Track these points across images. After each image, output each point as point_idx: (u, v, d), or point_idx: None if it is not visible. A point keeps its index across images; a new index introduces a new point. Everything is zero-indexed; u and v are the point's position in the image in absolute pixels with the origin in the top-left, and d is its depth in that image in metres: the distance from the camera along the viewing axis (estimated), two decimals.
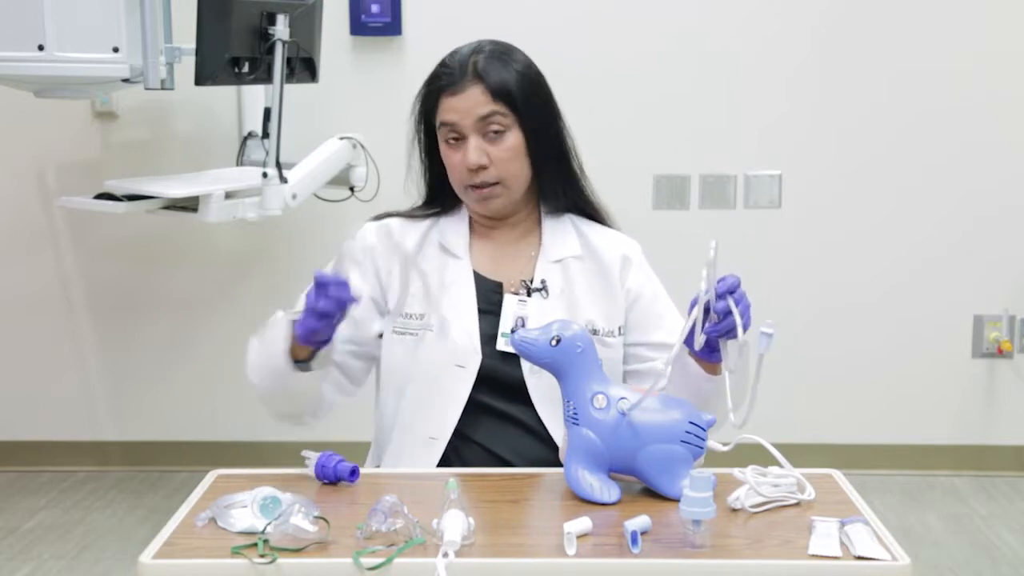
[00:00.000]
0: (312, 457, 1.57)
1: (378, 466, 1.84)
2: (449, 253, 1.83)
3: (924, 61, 3.55)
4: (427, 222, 1.86)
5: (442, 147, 1.80)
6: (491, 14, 3.49)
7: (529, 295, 1.80)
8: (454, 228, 1.85)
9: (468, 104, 1.74)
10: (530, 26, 3.50)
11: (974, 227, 3.62)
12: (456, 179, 1.78)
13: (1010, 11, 3.53)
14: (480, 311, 1.79)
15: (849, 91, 3.57)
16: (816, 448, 3.50)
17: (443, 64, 1.80)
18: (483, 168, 1.75)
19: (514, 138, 1.77)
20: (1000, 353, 3.66)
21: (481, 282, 1.81)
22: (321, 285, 1.57)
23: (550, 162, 1.82)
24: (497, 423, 1.76)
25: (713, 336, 1.58)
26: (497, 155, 1.76)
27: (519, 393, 1.76)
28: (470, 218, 1.86)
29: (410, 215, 1.88)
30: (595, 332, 1.79)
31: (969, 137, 3.57)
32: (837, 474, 1.60)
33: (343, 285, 1.57)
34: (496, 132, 1.75)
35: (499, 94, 1.75)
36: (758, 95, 3.57)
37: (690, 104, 3.57)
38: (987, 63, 3.55)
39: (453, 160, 1.77)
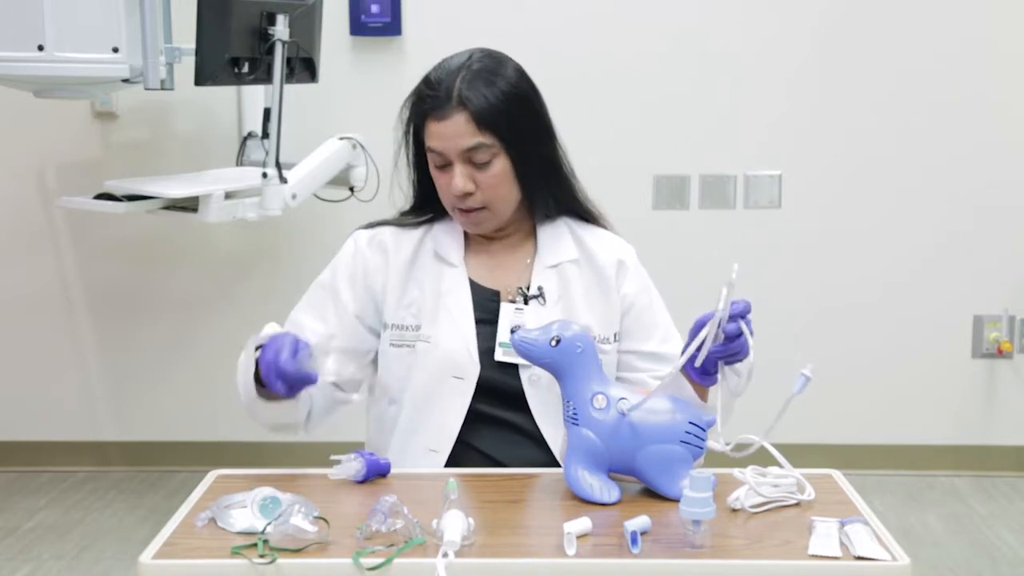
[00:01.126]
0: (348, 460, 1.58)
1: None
2: (444, 262, 1.79)
3: (924, 61, 3.55)
4: (420, 230, 1.83)
5: (431, 165, 1.76)
6: (491, 14, 3.49)
7: (526, 303, 1.77)
8: (449, 236, 1.81)
9: (452, 132, 1.69)
10: (530, 26, 3.51)
11: (974, 227, 3.62)
12: (445, 199, 1.76)
13: (1010, 11, 3.53)
14: (477, 320, 1.76)
15: (849, 91, 3.57)
16: (816, 448, 3.49)
17: (428, 83, 1.74)
18: (469, 194, 1.72)
19: (500, 165, 1.72)
20: (1000, 353, 3.66)
21: (478, 291, 1.78)
22: (279, 374, 1.55)
23: (539, 180, 1.78)
24: (496, 431, 1.75)
25: (716, 357, 1.52)
26: (484, 181, 1.72)
27: (518, 401, 1.74)
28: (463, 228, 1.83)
29: (401, 224, 1.84)
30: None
31: (969, 137, 3.57)
32: (837, 474, 1.60)
33: (301, 377, 1.57)
34: (482, 161, 1.71)
35: (484, 122, 1.69)
36: (758, 95, 3.57)
37: (690, 104, 3.57)
38: (987, 63, 3.55)
39: (441, 182, 1.74)
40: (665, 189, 3.62)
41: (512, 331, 1.72)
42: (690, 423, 1.48)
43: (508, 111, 1.71)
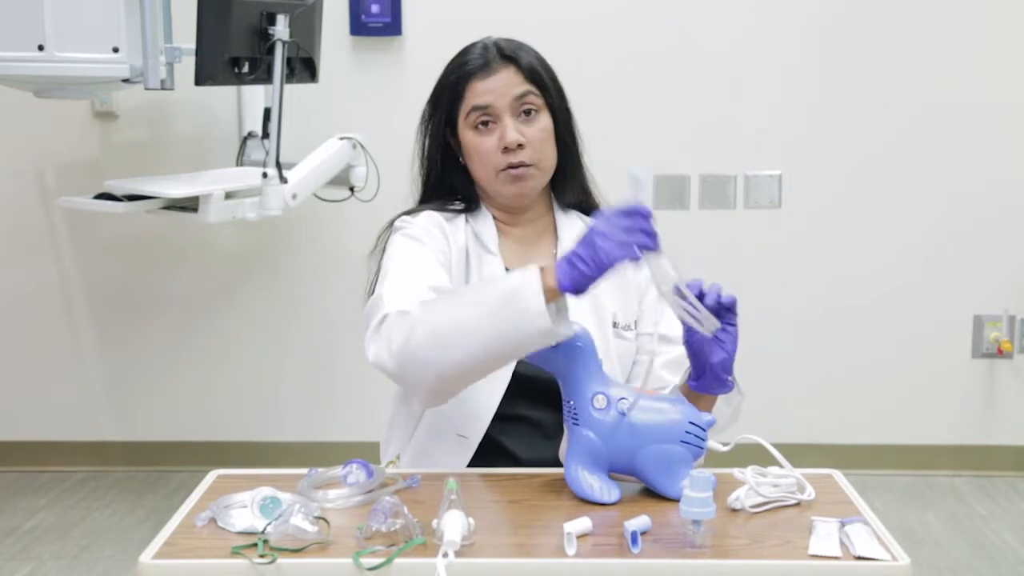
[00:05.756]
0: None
1: (398, 457, 1.80)
2: (486, 250, 1.80)
3: (924, 61, 3.55)
4: (462, 218, 1.83)
5: (469, 136, 1.77)
6: (491, 14, 3.48)
7: None
8: (484, 225, 1.82)
9: (501, 84, 1.75)
10: (530, 26, 3.47)
11: (974, 227, 3.62)
12: (489, 164, 1.76)
13: (1010, 11, 3.53)
14: None
15: (849, 91, 3.57)
16: (816, 448, 3.50)
17: (464, 54, 1.80)
18: (519, 147, 1.74)
19: (545, 120, 1.78)
20: (1000, 353, 3.66)
21: None
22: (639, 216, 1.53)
23: (571, 149, 1.84)
24: (525, 425, 1.74)
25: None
26: (532, 135, 1.76)
27: (550, 394, 1.71)
28: (492, 216, 1.84)
29: (443, 210, 1.82)
30: (615, 325, 1.79)
31: (969, 137, 3.57)
32: (837, 474, 1.60)
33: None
34: (529, 112, 1.76)
35: (531, 75, 1.77)
36: (758, 95, 3.57)
37: (690, 104, 3.57)
38: (987, 63, 3.55)
39: (485, 145, 1.75)
40: (665, 189, 3.62)
41: None
42: (690, 423, 1.48)
43: (547, 71, 1.81)
